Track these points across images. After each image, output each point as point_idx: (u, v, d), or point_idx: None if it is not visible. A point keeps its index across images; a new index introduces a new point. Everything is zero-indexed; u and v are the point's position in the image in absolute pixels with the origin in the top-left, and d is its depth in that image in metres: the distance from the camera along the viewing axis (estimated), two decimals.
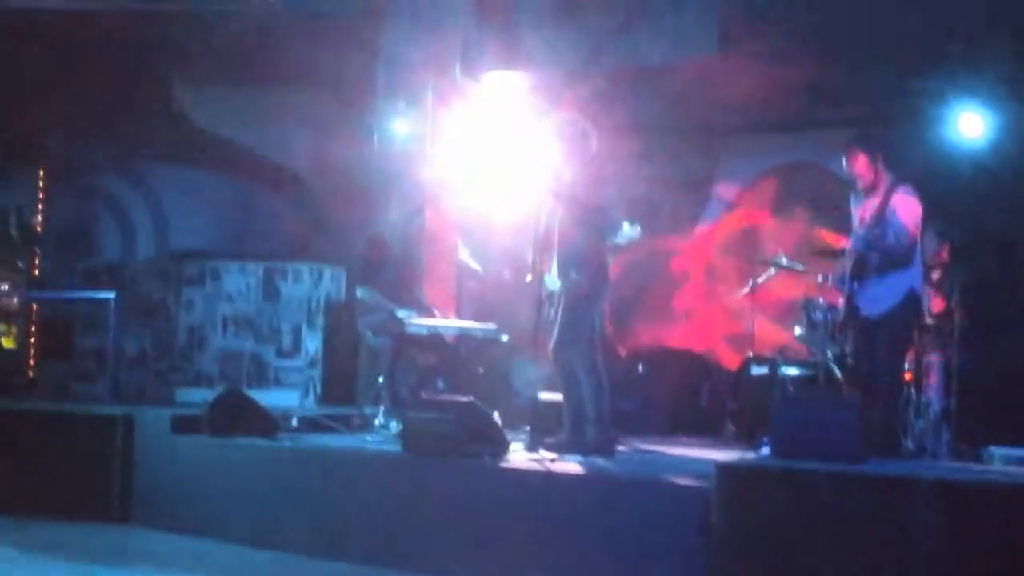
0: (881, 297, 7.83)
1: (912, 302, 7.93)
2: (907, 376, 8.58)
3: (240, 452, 8.46)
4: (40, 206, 13.84)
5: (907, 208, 7.78)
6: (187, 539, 8.33)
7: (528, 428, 8.24)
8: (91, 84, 12.19)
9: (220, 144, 13.16)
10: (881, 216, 7.74)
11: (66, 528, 8.59)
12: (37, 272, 13.67)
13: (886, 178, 7.92)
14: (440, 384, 9.43)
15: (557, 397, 8.72)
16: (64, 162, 13.93)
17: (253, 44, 11.18)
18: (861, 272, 7.91)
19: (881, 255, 7.80)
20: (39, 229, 13.83)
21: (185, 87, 12.90)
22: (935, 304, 8.95)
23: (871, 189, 7.96)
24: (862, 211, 8.03)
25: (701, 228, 12.90)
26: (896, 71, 9.93)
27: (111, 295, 10.80)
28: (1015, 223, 9.69)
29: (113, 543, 8.30)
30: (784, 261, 10.29)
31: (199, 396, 10.17)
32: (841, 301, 8.20)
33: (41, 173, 13.90)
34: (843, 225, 8.66)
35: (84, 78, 12.12)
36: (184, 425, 8.92)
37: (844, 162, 8.06)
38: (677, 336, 12.49)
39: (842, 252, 8.35)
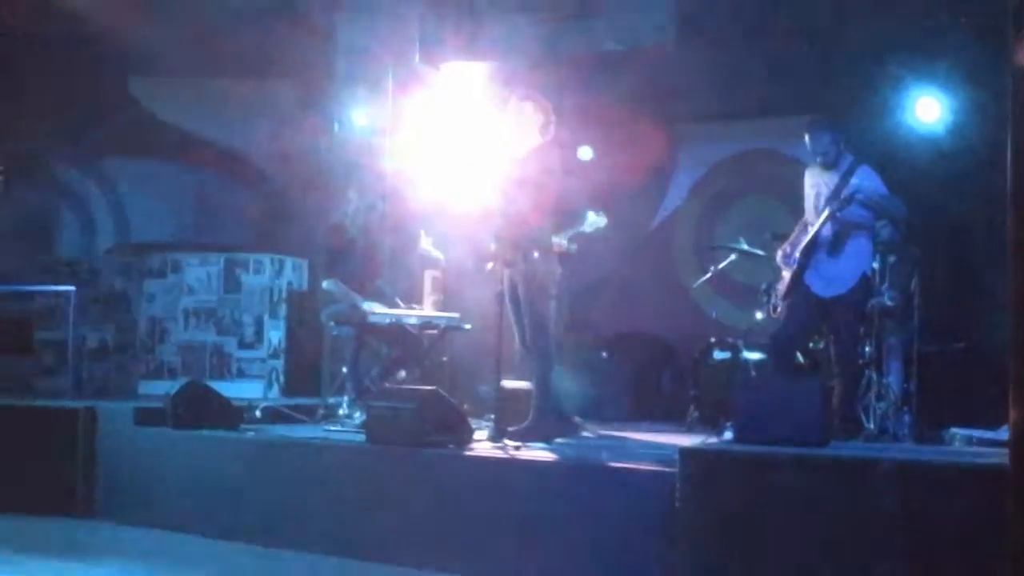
0: (835, 279, 7.87)
1: (864, 285, 8.01)
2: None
3: (204, 444, 8.44)
4: None
5: (872, 182, 7.82)
6: (152, 532, 8.31)
7: (492, 417, 8.24)
8: (48, 76, 12.10)
9: (180, 135, 13.10)
10: (840, 193, 7.75)
11: (30, 523, 8.52)
12: None
13: (847, 157, 7.95)
14: (403, 374, 9.42)
15: (520, 385, 8.74)
16: (21, 156, 13.80)
17: (212, 35, 11.13)
18: (815, 248, 7.92)
19: (841, 229, 7.83)
20: None
21: (143, 79, 12.83)
22: (894, 287, 9.00)
23: (831, 166, 7.96)
24: (819, 188, 8.04)
25: (662, 215, 12.92)
26: (854, 57, 9.97)
27: (71, 288, 10.73)
28: (972, 206, 9.74)
29: (77, 538, 8.26)
30: (744, 246, 10.33)
31: (161, 388, 10.13)
32: (786, 275, 8.17)
33: None
34: (802, 210, 8.69)
35: (40, 70, 12.03)
36: (147, 418, 8.90)
37: (807, 138, 8.03)
38: (640, 322, 12.51)
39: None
